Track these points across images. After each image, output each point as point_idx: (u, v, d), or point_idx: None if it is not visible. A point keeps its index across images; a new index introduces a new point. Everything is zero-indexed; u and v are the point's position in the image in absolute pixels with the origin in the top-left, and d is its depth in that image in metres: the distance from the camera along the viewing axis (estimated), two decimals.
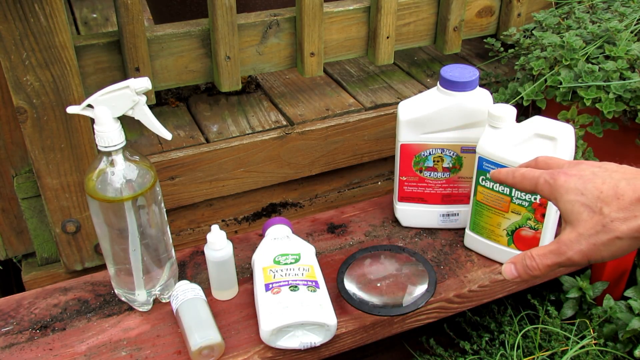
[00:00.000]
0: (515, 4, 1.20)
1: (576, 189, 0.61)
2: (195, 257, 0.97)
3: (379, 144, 1.13)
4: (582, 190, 0.60)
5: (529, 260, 0.62)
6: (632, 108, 0.94)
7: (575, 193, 0.60)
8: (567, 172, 0.63)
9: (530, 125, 0.86)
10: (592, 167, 0.63)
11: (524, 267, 0.63)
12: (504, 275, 0.65)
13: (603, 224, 0.58)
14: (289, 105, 1.13)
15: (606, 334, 0.99)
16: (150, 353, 0.81)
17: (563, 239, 0.61)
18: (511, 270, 0.64)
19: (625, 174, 0.60)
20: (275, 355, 0.82)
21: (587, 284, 1.01)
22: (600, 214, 0.58)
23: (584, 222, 0.59)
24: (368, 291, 0.86)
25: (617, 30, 0.99)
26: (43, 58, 0.78)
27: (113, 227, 0.79)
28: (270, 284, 0.82)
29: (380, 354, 1.20)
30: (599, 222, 0.58)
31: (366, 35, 1.10)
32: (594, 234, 0.58)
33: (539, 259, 0.62)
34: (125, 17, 0.88)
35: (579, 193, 0.60)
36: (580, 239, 0.59)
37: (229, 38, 0.97)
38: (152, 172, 0.79)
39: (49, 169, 0.86)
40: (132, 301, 0.86)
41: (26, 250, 1.01)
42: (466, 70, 0.91)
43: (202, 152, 0.99)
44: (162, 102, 1.14)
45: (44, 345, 0.82)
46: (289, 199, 1.13)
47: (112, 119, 0.73)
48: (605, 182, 0.60)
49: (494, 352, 1.01)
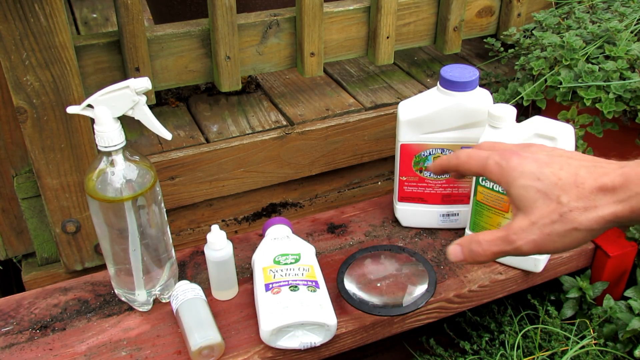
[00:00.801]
0: (515, 4, 1.20)
1: (531, 172, 0.56)
2: (195, 257, 0.97)
3: (379, 144, 1.13)
4: (537, 175, 0.55)
5: (475, 245, 0.58)
6: (632, 108, 0.94)
7: (531, 177, 0.56)
8: (520, 154, 0.58)
9: (530, 125, 0.86)
10: (544, 150, 0.59)
11: (470, 251, 0.59)
12: (449, 256, 0.61)
13: (560, 214, 0.54)
14: (289, 105, 1.13)
15: (606, 334, 0.99)
16: (150, 353, 0.81)
17: (514, 227, 0.56)
18: (456, 252, 0.60)
19: (583, 161, 0.56)
20: (275, 355, 0.82)
21: (587, 284, 1.01)
22: (557, 202, 0.54)
23: (538, 209, 0.55)
24: (368, 291, 0.86)
25: (617, 30, 0.99)
26: (43, 58, 0.78)
27: (113, 227, 0.79)
28: (270, 284, 0.82)
29: (380, 354, 1.20)
30: (556, 211, 0.54)
31: (366, 35, 1.10)
32: (549, 224, 0.54)
33: (486, 244, 0.58)
34: (125, 17, 0.88)
35: (535, 178, 0.56)
36: (532, 228, 0.55)
37: (229, 38, 0.97)
38: (152, 172, 0.79)
39: (49, 169, 0.86)
40: (132, 301, 0.86)
41: (26, 250, 1.01)
42: (466, 70, 0.91)
43: (202, 152, 0.99)
44: (162, 102, 1.14)
45: (44, 345, 0.82)
46: (289, 199, 1.13)
47: (112, 119, 0.73)
48: (563, 168, 0.55)
49: (494, 352, 1.01)
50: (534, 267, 0.94)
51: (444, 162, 0.65)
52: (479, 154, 0.61)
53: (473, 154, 0.61)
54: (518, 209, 0.57)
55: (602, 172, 0.54)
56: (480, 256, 0.58)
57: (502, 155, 0.59)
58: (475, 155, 0.61)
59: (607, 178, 0.53)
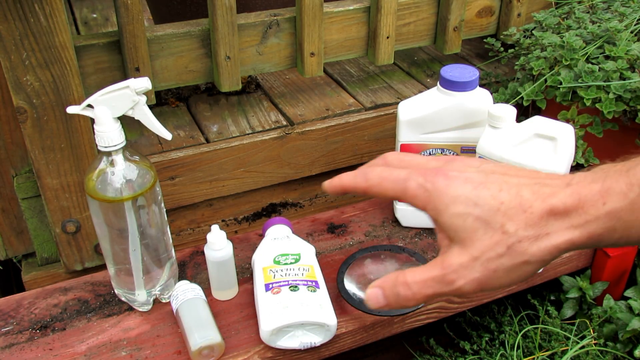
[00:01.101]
0: (515, 4, 1.20)
1: (466, 197, 0.46)
2: (195, 257, 0.97)
3: (379, 144, 1.13)
4: (474, 200, 0.46)
5: (403, 289, 0.47)
6: (632, 108, 0.94)
7: (466, 203, 0.46)
8: (447, 173, 0.48)
9: (530, 125, 0.86)
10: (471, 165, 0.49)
11: (395, 295, 0.48)
12: (367, 304, 0.49)
13: (508, 245, 0.44)
14: (289, 105, 1.13)
15: (606, 334, 0.99)
16: (150, 353, 0.81)
17: (451, 263, 0.46)
18: (377, 298, 0.49)
19: (522, 178, 0.47)
20: (275, 355, 0.82)
21: (587, 284, 1.01)
22: (502, 231, 0.45)
23: (479, 241, 0.45)
24: None
25: (617, 30, 0.99)
26: (43, 58, 0.78)
27: (113, 227, 0.79)
28: (270, 284, 0.82)
29: (380, 354, 1.20)
30: (502, 243, 0.45)
31: (366, 35, 1.10)
32: (494, 258, 0.45)
33: (417, 287, 0.47)
34: (125, 17, 0.88)
35: (471, 203, 0.46)
36: (474, 264, 0.45)
37: (229, 38, 0.97)
38: (152, 172, 0.79)
39: (49, 169, 0.86)
40: (132, 301, 0.86)
41: (26, 250, 1.01)
42: (466, 70, 0.91)
43: (202, 152, 0.99)
44: (162, 102, 1.14)
45: (44, 345, 0.82)
46: (289, 199, 1.13)
47: (112, 119, 0.73)
48: (502, 189, 0.46)
49: (494, 352, 1.01)
50: None
51: (348, 183, 0.52)
52: (394, 175, 0.49)
53: (387, 175, 0.50)
54: (452, 240, 0.47)
55: (549, 192, 0.45)
56: (410, 301, 0.48)
57: (425, 175, 0.48)
58: (389, 177, 0.50)
59: (557, 199, 0.45)
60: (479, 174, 0.48)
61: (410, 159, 0.52)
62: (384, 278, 0.49)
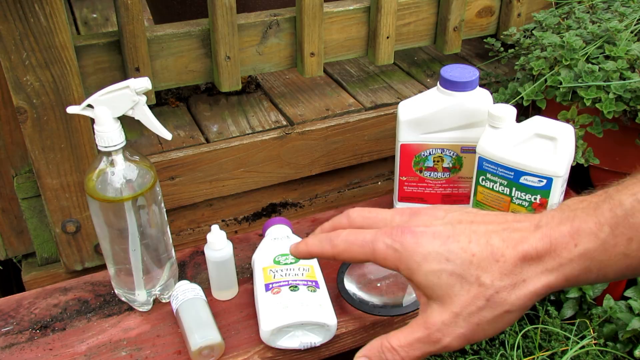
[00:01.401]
0: (515, 4, 1.20)
1: (436, 253, 0.46)
2: (195, 257, 0.97)
3: (379, 144, 1.13)
4: (445, 255, 0.45)
5: (391, 355, 0.47)
6: (632, 108, 0.94)
7: (437, 259, 0.45)
8: (413, 230, 0.47)
9: (530, 125, 0.86)
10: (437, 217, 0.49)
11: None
12: None
13: (486, 298, 0.44)
14: (289, 105, 1.13)
15: (606, 334, 0.99)
16: (150, 353, 0.81)
17: (434, 322, 0.46)
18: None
19: (489, 225, 0.47)
20: (275, 355, 0.82)
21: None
22: (479, 284, 0.45)
23: (457, 297, 0.45)
24: (368, 291, 0.86)
25: (617, 30, 0.99)
26: (43, 58, 0.78)
27: (113, 227, 0.79)
28: (270, 284, 0.82)
29: None
30: (480, 296, 0.45)
31: (366, 35, 1.10)
32: (475, 312, 0.45)
33: (404, 351, 0.47)
34: (125, 17, 0.88)
35: (443, 259, 0.45)
36: (457, 320, 0.45)
37: (229, 38, 0.97)
38: (152, 172, 0.79)
39: (49, 169, 0.86)
40: (132, 301, 0.86)
41: (26, 250, 1.01)
42: (466, 70, 0.91)
43: (202, 152, 0.99)
44: (162, 102, 1.14)
45: (44, 345, 0.82)
46: (289, 199, 1.13)
47: (112, 119, 0.73)
48: (472, 240, 0.46)
49: (494, 352, 1.01)
50: None
51: (314, 249, 0.52)
52: (360, 238, 0.49)
53: (353, 239, 0.49)
54: (430, 298, 0.47)
55: (518, 238, 0.45)
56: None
57: (391, 235, 0.48)
58: (356, 241, 0.49)
59: (528, 244, 0.45)
60: (446, 226, 0.47)
61: (374, 216, 0.52)
62: (369, 346, 0.49)
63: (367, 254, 0.49)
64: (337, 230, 0.52)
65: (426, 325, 0.47)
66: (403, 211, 0.51)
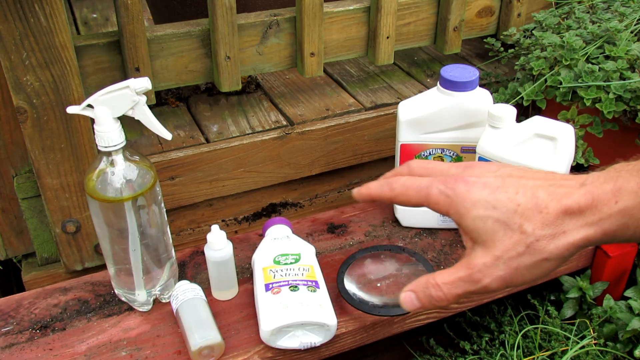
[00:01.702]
0: (515, 4, 1.20)
1: (485, 200, 0.50)
2: (195, 257, 0.97)
3: (379, 144, 1.13)
4: (492, 203, 0.49)
5: (434, 290, 0.51)
6: (632, 108, 0.94)
7: (485, 206, 0.49)
8: (466, 179, 0.51)
9: (530, 125, 0.86)
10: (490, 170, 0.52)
11: (428, 297, 0.52)
12: (403, 306, 0.54)
13: (527, 244, 0.48)
14: (289, 105, 1.13)
15: (606, 334, 0.99)
16: (150, 353, 0.81)
17: (476, 263, 0.50)
18: (412, 301, 0.53)
19: (538, 180, 0.50)
20: (275, 355, 0.82)
21: (587, 284, 1.01)
22: (521, 232, 0.48)
23: (500, 242, 0.49)
24: (368, 291, 0.86)
25: (617, 30, 0.99)
26: (43, 58, 0.78)
27: (113, 227, 0.79)
28: (270, 284, 0.82)
29: (380, 354, 1.20)
30: (521, 242, 0.48)
31: (366, 35, 1.10)
32: (515, 257, 0.48)
33: (447, 288, 0.51)
34: (125, 17, 0.88)
35: (490, 206, 0.49)
36: (498, 262, 0.49)
37: (229, 38, 0.97)
38: (152, 172, 0.79)
39: (49, 169, 0.86)
40: (132, 301, 0.86)
41: (26, 250, 1.01)
42: (466, 70, 0.91)
43: (202, 152, 0.99)
44: (162, 102, 1.14)
45: (44, 345, 0.82)
46: (289, 199, 1.13)
47: (112, 119, 0.73)
48: (519, 192, 0.49)
49: (494, 352, 1.01)
50: None
51: (375, 192, 0.56)
52: (417, 183, 0.53)
53: (410, 184, 0.54)
54: (475, 242, 0.51)
55: (563, 193, 0.49)
56: (442, 301, 0.52)
57: (445, 182, 0.52)
58: (413, 185, 0.53)
59: (571, 199, 0.48)
60: (497, 178, 0.51)
61: (432, 167, 0.56)
62: (415, 282, 0.53)
63: (422, 199, 0.53)
64: (397, 176, 0.56)
65: (469, 265, 0.50)
66: (459, 164, 0.55)
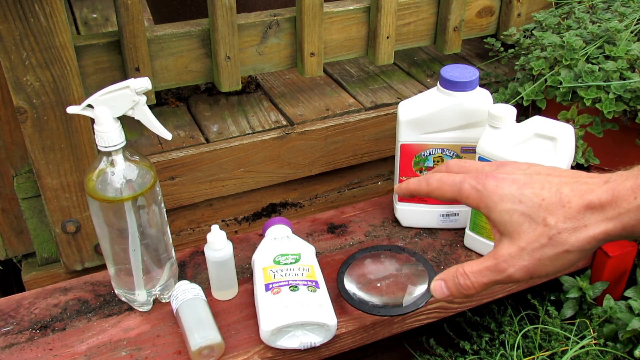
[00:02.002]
0: (515, 4, 1.20)
1: (512, 195, 0.53)
2: (195, 257, 0.97)
3: (379, 144, 1.13)
4: (519, 197, 0.53)
5: (462, 279, 0.55)
6: (632, 108, 0.94)
7: (512, 201, 0.53)
8: (496, 176, 0.55)
9: (530, 125, 0.86)
10: (520, 168, 0.56)
11: (457, 285, 0.56)
12: (434, 294, 0.58)
13: (549, 236, 0.51)
14: (289, 105, 1.13)
15: (606, 334, 0.99)
16: (150, 353, 0.81)
17: (502, 254, 0.53)
18: (442, 289, 0.57)
19: (563, 177, 0.54)
20: (275, 355, 0.82)
21: (587, 284, 1.01)
22: (544, 224, 0.51)
23: (525, 234, 0.52)
24: (368, 291, 0.86)
25: (617, 30, 0.99)
26: (43, 58, 0.78)
27: (113, 227, 0.79)
28: (270, 284, 0.82)
29: (380, 354, 1.20)
30: (544, 234, 0.51)
31: (366, 35, 1.10)
32: (538, 248, 0.52)
33: (474, 277, 0.55)
34: (125, 17, 0.88)
35: (516, 200, 0.53)
36: (522, 253, 0.52)
37: (229, 38, 0.97)
38: (152, 172, 0.79)
39: (49, 169, 0.86)
40: (132, 301, 0.86)
41: (26, 250, 1.01)
42: (466, 70, 0.91)
43: (202, 152, 0.99)
44: (162, 102, 1.14)
45: (44, 345, 0.82)
46: (289, 199, 1.13)
47: (112, 119, 0.73)
48: (544, 188, 0.53)
49: (494, 352, 1.01)
50: None
51: (413, 187, 0.62)
52: (451, 179, 0.58)
53: (445, 179, 0.58)
54: (502, 234, 0.54)
55: (586, 189, 0.51)
56: (470, 289, 0.55)
57: (477, 178, 0.56)
58: (447, 181, 0.58)
59: (593, 195, 0.51)
60: (525, 175, 0.55)
61: (468, 165, 0.60)
62: (445, 272, 0.57)
63: (455, 192, 0.57)
64: (434, 173, 0.61)
65: (495, 256, 0.54)
66: (492, 163, 0.59)
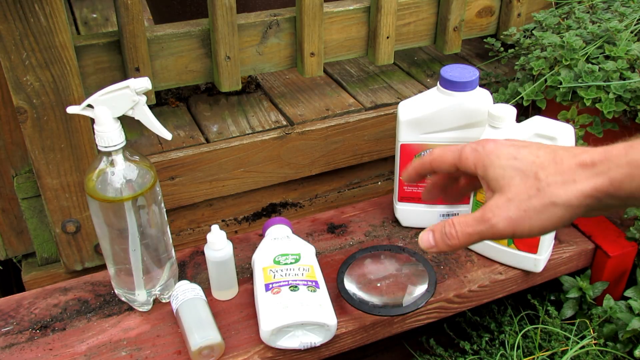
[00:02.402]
0: (515, 4, 1.20)
1: (509, 153, 0.55)
2: (195, 257, 0.97)
3: (379, 144, 1.13)
4: (515, 154, 0.55)
5: (449, 228, 0.56)
6: (632, 108, 0.94)
7: (507, 157, 0.55)
8: (496, 140, 0.57)
9: (530, 125, 0.86)
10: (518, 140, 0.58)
11: (442, 235, 0.57)
12: (420, 244, 0.59)
13: (538, 188, 0.52)
14: (289, 105, 1.13)
15: (606, 334, 0.99)
16: (150, 353, 0.81)
17: (489, 205, 0.54)
18: (428, 239, 0.58)
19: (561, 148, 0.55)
20: (275, 355, 0.82)
21: (587, 284, 1.01)
22: (535, 178, 0.52)
23: (515, 186, 0.53)
24: (368, 291, 0.86)
25: (617, 30, 0.99)
26: (43, 58, 0.78)
27: (113, 227, 0.79)
28: (270, 284, 0.82)
29: (380, 354, 1.20)
30: (533, 186, 0.52)
31: (366, 35, 1.10)
32: (525, 199, 0.52)
33: (459, 226, 0.56)
34: (125, 17, 0.88)
35: (512, 157, 0.54)
36: (509, 204, 0.53)
37: (229, 38, 0.97)
38: (152, 172, 0.79)
39: (49, 169, 0.86)
40: (132, 301, 0.86)
41: (26, 250, 1.01)
42: (466, 70, 0.91)
43: (202, 152, 0.99)
44: (162, 102, 1.14)
45: (44, 345, 0.82)
46: (289, 199, 1.13)
47: (112, 119, 0.73)
48: (541, 149, 0.55)
49: (494, 352, 1.01)
50: (533, 267, 0.94)
51: (418, 164, 0.63)
52: (453, 147, 0.60)
53: (447, 148, 0.60)
54: (494, 190, 0.55)
55: (581, 151, 0.53)
56: (454, 238, 0.56)
57: (477, 142, 0.58)
58: (449, 149, 0.60)
59: (587, 155, 0.52)
60: (523, 142, 0.57)
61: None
62: (437, 223, 0.58)
63: (455, 157, 0.58)
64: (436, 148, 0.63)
65: (483, 208, 0.55)
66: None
